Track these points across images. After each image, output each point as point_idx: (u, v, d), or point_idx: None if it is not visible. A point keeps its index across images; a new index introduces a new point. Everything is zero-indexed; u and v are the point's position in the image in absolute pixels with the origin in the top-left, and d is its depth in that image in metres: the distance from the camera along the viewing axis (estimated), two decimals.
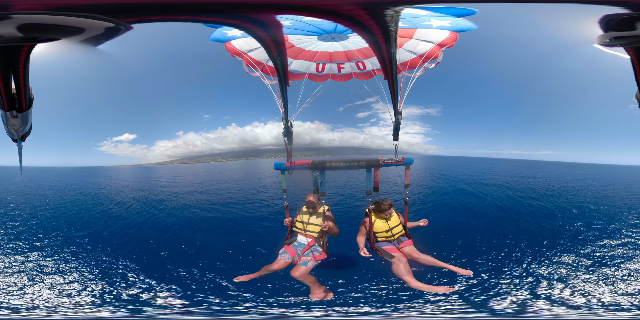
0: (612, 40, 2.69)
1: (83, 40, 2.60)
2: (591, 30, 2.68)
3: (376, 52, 3.15)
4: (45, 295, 5.30)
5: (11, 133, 2.94)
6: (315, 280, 4.88)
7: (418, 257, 4.90)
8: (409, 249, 5.01)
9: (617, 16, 2.47)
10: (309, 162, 4.88)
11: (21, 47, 2.34)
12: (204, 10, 2.42)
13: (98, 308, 4.95)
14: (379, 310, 5.13)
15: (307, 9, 2.42)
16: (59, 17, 2.27)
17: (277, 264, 4.93)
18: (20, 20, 2.19)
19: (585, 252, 6.93)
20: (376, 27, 2.59)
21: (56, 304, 5.05)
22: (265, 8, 2.43)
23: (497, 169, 23.25)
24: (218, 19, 2.58)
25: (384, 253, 4.92)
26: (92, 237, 8.42)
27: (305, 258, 4.89)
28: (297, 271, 4.73)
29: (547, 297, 5.29)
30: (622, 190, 15.53)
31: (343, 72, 5.41)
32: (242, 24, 2.67)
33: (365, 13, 2.43)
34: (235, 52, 5.05)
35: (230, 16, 2.54)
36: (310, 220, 5.14)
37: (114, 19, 2.37)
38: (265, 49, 3.28)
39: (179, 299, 5.34)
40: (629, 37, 2.56)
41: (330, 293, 4.95)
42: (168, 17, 2.48)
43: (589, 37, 2.83)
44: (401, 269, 4.65)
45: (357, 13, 2.41)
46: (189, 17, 2.50)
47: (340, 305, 5.16)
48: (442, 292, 4.84)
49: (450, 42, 4.74)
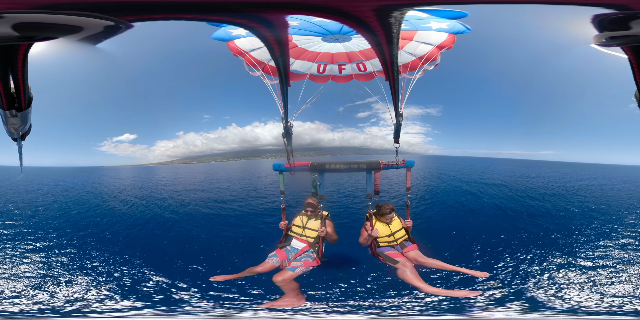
0: (608, 40, 2.67)
1: (82, 39, 2.58)
2: (587, 30, 2.68)
3: (378, 53, 3.13)
4: (49, 296, 5.27)
5: (11, 132, 2.94)
6: (295, 288, 4.50)
7: (425, 261, 4.61)
8: (414, 254, 4.72)
9: (608, 16, 2.47)
10: (308, 164, 4.79)
11: (18, 46, 2.33)
12: (214, 8, 2.40)
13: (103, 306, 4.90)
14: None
15: (318, 8, 2.41)
16: (54, 15, 2.25)
17: (262, 266, 4.70)
18: (13, 19, 2.17)
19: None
20: (380, 29, 2.58)
21: (58, 303, 5.03)
22: (278, 7, 2.41)
23: (497, 168, 23.26)
24: (226, 17, 2.55)
25: (387, 258, 4.66)
26: (96, 236, 8.41)
27: (296, 263, 4.63)
28: (280, 276, 4.46)
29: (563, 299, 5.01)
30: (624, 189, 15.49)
31: (344, 73, 5.40)
32: (249, 23, 2.64)
33: (372, 14, 2.43)
34: (238, 51, 5.05)
35: (238, 15, 2.52)
36: (308, 225, 4.91)
37: (113, 17, 2.35)
38: (268, 48, 3.26)
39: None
40: (624, 36, 2.54)
41: (302, 302, 4.51)
42: (173, 16, 2.45)
43: (585, 37, 2.83)
44: (408, 274, 4.34)
45: (365, 14, 2.41)
46: (196, 15, 2.48)
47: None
48: (467, 297, 4.48)
49: (448, 44, 4.78)
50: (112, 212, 11.12)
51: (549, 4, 2.78)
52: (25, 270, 6.19)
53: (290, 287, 4.45)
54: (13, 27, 2.17)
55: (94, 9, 2.25)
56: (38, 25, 2.26)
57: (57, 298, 5.17)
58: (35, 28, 2.29)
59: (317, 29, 4.77)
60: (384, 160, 4.80)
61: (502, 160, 30.86)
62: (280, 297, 4.44)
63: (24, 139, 3.31)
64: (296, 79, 5.36)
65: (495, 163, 27.95)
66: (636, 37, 2.45)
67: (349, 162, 4.77)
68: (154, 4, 2.34)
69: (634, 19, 2.39)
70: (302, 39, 5.02)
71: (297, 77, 5.35)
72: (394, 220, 4.95)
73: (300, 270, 4.56)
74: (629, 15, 2.39)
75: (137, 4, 2.31)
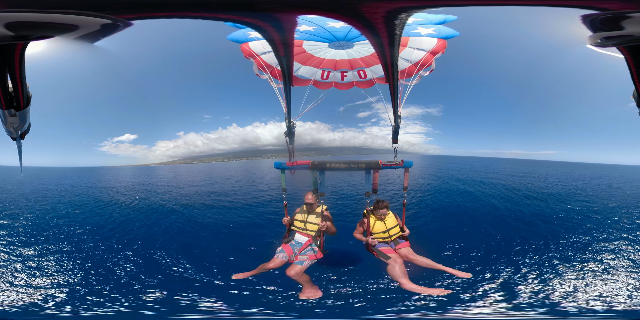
0: (603, 40, 2.68)
1: (78, 37, 2.57)
2: (581, 31, 2.68)
3: (380, 56, 3.17)
4: (50, 293, 5.38)
5: (10, 131, 2.95)
6: (308, 280, 4.87)
7: (415, 258, 4.87)
8: (405, 251, 4.97)
9: (598, 16, 2.46)
10: (309, 163, 4.88)
11: (14, 45, 2.34)
12: (223, 6, 2.37)
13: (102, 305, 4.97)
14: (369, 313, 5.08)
15: (331, 8, 2.40)
16: (47, 14, 2.24)
17: (273, 262, 4.98)
18: (6, 18, 2.16)
19: None
20: (384, 31, 2.60)
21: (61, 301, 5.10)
22: (292, 6, 2.39)
23: (497, 167, 23.22)
24: (234, 16, 2.52)
25: (380, 254, 4.91)
26: (97, 234, 8.47)
27: (302, 257, 4.92)
28: (292, 270, 4.75)
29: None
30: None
31: (346, 80, 5.56)
32: (257, 22, 2.63)
33: (381, 16, 2.43)
34: (249, 53, 5.16)
35: (247, 14, 2.50)
36: (309, 219, 5.16)
37: (109, 15, 2.34)
38: (273, 48, 3.29)
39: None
40: (619, 36, 2.55)
41: (320, 292, 4.96)
42: (177, 14, 2.42)
43: (580, 38, 2.84)
44: (396, 270, 4.62)
45: (375, 16, 2.41)
46: (203, 13, 2.46)
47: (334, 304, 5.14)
48: (438, 295, 4.78)
49: (440, 50, 4.92)
50: (116, 211, 11.17)
51: (547, 6, 2.78)
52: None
53: (304, 279, 4.82)
54: (6, 26, 2.17)
55: (89, 7, 2.24)
56: (32, 24, 2.25)
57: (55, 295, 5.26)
58: (30, 27, 2.28)
59: (327, 35, 4.91)
60: (383, 160, 4.91)
61: (503, 160, 30.83)
62: (301, 290, 4.87)
63: (23, 138, 3.33)
64: (301, 84, 5.53)
65: (496, 163, 27.92)
66: (631, 36, 2.45)
67: (349, 162, 4.88)
68: (153, 1, 2.31)
69: (624, 18, 2.39)
70: (311, 45, 5.17)
71: (302, 82, 5.54)
72: (390, 218, 5.14)
73: (307, 263, 4.86)
74: (619, 15, 2.39)
75: (134, 2, 2.30)
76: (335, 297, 5.28)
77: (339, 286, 5.58)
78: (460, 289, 5.40)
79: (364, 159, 5.09)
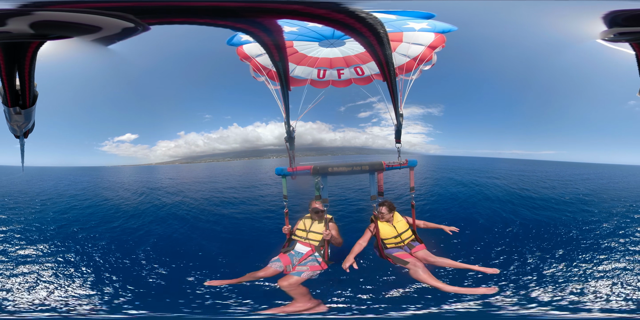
0: (617, 35, 2.63)
1: (96, 39, 2.59)
2: (592, 26, 2.66)
3: (372, 55, 3.13)
4: (55, 294, 5.18)
5: (14, 129, 2.98)
6: (305, 293, 4.27)
7: (435, 260, 4.54)
8: (423, 253, 4.65)
9: (625, 12, 2.45)
10: (311, 168, 4.73)
11: (29, 43, 2.33)
12: (215, 13, 2.40)
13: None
14: None
15: (304, 14, 2.43)
16: (79, 14, 2.26)
17: (264, 271, 4.52)
18: (38, 16, 2.19)
19: None
20: (366, 30, 2.57)
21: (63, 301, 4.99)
22: (268, 12, 2.43)
23: (498, 166, 23.11)
24: (230, 22, 2.57)
25: (396, 260, 4.57)
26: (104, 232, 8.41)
27: (301, 268, 4.51)
28: (285, 281, 4.29)
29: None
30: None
31: (343, 77, 5.47)
32: (249, 28, 2.64)
33: (351, 18, 2.43)
34: (245, 56, 5.15)
35: (239, 20, 2.53)
36: (312, 228, 4.84)
37: (137, 19, 2.37)
38: (268, 53, 3.29)
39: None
40: (633, 32, 2.51)
41: (324, 306, 4.25)
42: (190, 20, 2.45)
43: (588, 33, 2.82)
44: (421, 273, 4.27)
45: (347, 20, 2.42)
46: (206, 20, 2.49)
47: None
48: (484, 293, 4.34)
49: (439, 44, 4.79)
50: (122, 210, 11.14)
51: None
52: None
53: (298, 292, 4.28)
54: (31, 24, 2.20)
55: (120, 9, 2.26)
56: (58, 23, 2.27)
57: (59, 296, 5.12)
58: (53, 26, 2.29)
59: (313, 34, 4.83)
60: (386, 161, 4.78)
61: (503, 159, 30.73)
62: (289, 302, 4.20)
63: (26, 137, 3.36)
64: (297, 85, 5.46)
65: (496, 162, 27.79)
66: None
67: (352, 165, 4.70)
68: (177, 7, 2.31)
69: None
70: (301, 45, 5.10)
71: (299, 82, 5.47)
72: (400, 221, 4.87)
73: (306, 274, 4.43)
74: (635, 11, 2.39)
75: (159, 8, 2.31)
76: (345, 310, 4.46)
77: (347, 298, 4.71)
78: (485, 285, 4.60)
79: (366, 159, 4.94)
